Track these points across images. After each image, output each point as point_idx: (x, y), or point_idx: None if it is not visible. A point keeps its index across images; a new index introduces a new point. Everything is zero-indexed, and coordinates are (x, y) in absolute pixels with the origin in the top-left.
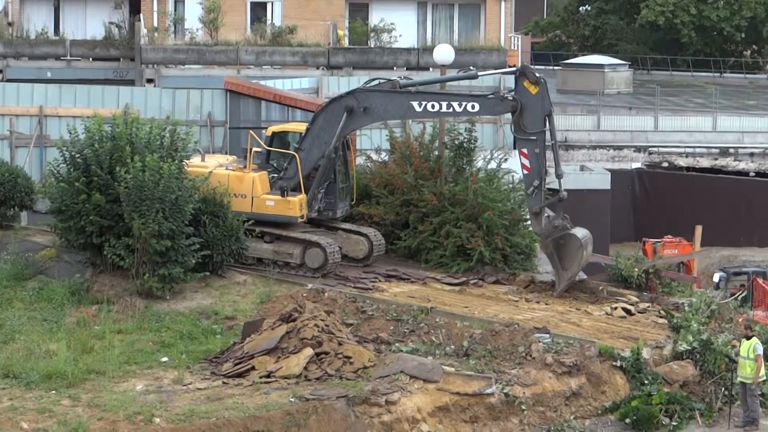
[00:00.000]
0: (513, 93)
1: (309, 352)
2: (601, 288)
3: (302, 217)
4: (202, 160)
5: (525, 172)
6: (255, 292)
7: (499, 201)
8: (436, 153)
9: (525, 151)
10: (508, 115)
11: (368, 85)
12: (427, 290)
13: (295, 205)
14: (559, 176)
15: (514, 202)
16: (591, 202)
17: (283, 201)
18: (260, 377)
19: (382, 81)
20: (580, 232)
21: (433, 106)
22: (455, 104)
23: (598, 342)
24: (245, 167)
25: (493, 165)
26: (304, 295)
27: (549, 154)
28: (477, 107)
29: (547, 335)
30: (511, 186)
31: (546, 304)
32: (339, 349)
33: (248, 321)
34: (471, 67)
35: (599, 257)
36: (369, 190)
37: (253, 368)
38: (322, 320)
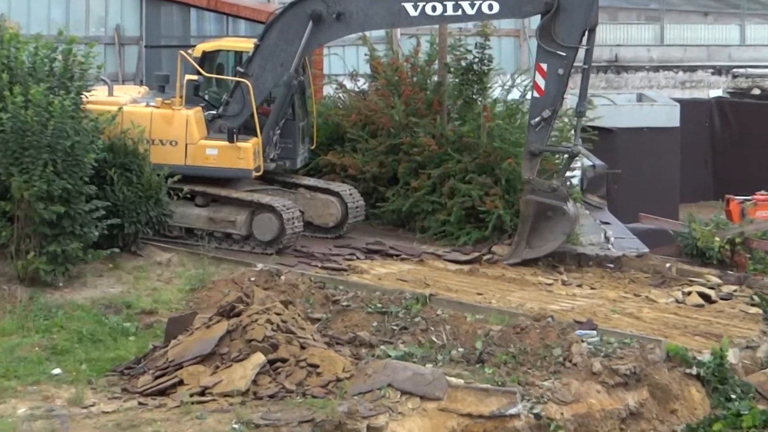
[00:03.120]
0: None
1: (259, 359)
2: (668, 265)
3: (257, 169)
4: (110, 93)
5: (536, 94)
6: (183, 275)
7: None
8: (436, 79)
9: (545, 67)
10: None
11: None
12: (425, 270)
13: (248, 154)
14: (579, 113)
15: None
16: (652, 145)
17: (230, 149)
18: (191, 395)
19: None
20: (572, 211)
21: (434, 8)
22: (465, 4)
23: (666, 341)
24: (172, 102)
25: (515, 95)
26: (252, 279)
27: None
28: (496, 8)
29: (594, 332)
30: None
31: (592, 288)
32: (301, 355)
33: (174, 317)
34: None
35: (666, 222)
36: (341, 132)
37: (181, 382)
38: (277, 314)
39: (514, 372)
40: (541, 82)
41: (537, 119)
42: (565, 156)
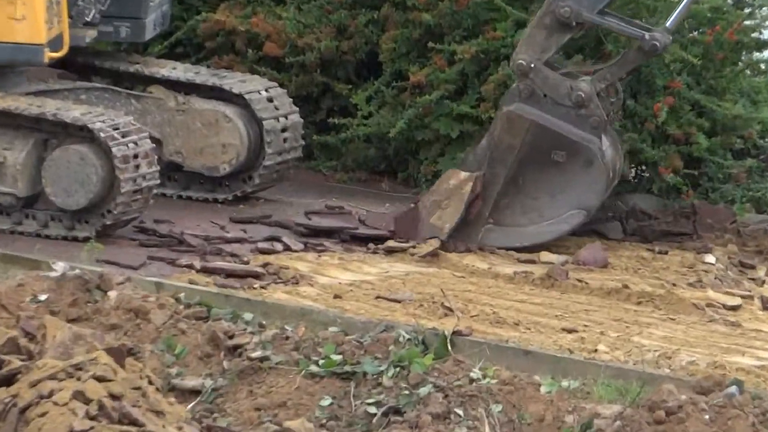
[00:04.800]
0: None
1: None
2: None
3: (55, 45)
4: None
5: None
6: None
7: None
8: None
9: None
10: None
11: None
12: (442, 275)
13: (34, 13)
14: None
15: None
16: None
17: None
18: None
19: None
20: (609, 157)
21: None
22: None
23: None
24: None
25: None
26: (43, 298)
27: None
28: None
29: None
30: None
31: None
32: None
33: None
34: None
35: None
36: None
37: None
38: (100, 380)
39: None
40: None
41: None
42: (634, 49)
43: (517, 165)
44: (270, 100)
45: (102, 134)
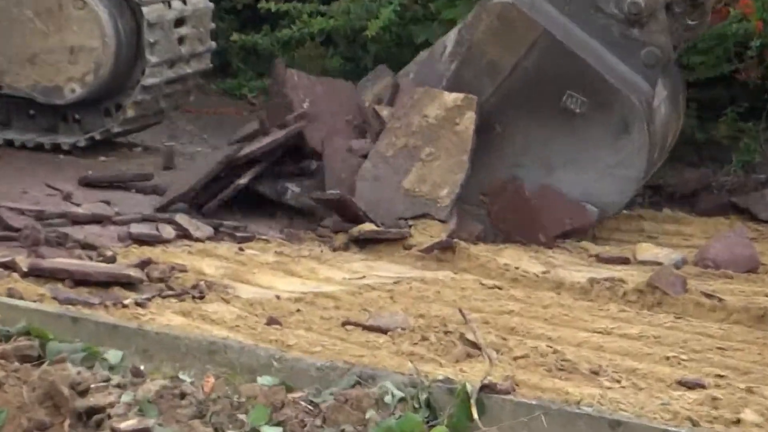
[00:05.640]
0: None
1: None
2: None
3: None
4: None
5: None
6: None
7: None
8: None
9: None
10: None
11: None
12: (462, 284)
13: None
14: None
15: None
16: None
17: None
18: None
19: None
20: (661, 119)
21: None
22: None
23: None
24: None
25: None
26: None
27: None
28: None
29: None
30: None
31: None
32: None
33: None
34: None
35: None
36: None
37: None
38: None
39: None
40: None
41: None
42: None
43: (499, 99)
44: None
45: None
